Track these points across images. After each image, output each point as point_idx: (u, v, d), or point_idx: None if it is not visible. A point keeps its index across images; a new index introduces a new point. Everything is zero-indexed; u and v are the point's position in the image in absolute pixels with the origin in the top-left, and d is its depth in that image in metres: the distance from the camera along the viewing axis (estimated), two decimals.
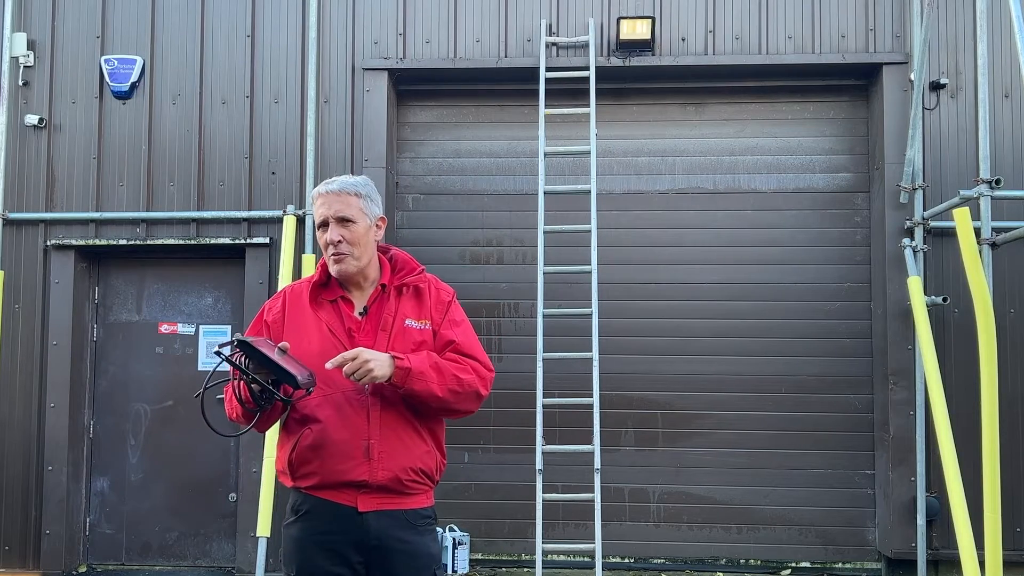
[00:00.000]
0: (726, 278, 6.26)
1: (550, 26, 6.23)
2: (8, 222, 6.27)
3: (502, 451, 6.08)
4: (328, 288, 2.69)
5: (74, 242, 6.23)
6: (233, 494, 6.21)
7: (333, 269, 2.64)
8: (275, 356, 2.37)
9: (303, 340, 2.59)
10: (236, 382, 2.49)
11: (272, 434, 5.62)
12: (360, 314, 2.65)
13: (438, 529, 2.81)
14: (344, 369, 2.42)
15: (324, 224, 2.64)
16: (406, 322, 2.63)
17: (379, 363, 2.44)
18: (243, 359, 2.39)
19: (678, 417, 6.20)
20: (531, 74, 6.12)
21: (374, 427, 2.53)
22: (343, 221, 2.61)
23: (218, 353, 2.40)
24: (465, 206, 6.41)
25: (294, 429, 2.58)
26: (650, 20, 6.07)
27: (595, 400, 5.52)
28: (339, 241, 2.60)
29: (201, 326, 6.38)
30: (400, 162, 6.47)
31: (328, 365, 2.43)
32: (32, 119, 6.25)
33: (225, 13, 6.35)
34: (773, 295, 6.24)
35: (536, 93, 6.04)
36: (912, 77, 5.84)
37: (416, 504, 2.60)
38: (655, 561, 6.14)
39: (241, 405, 2.54)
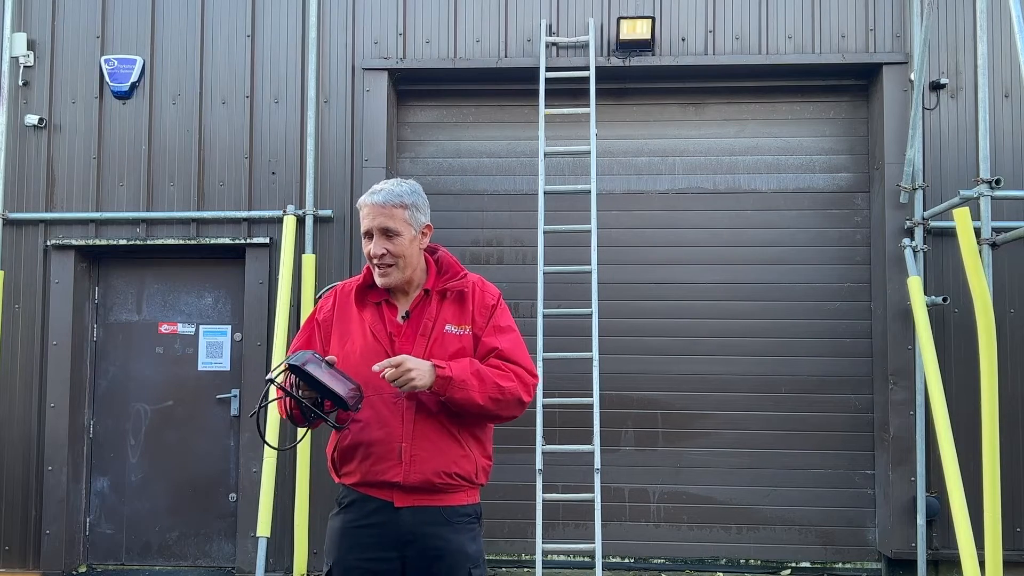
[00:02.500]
0: (726, 278, 6.26)
1: (550, 26, 6.23)
2: (8, 222, 6.27)
3: (502, 451, 6.03)
4: (373, 290, 2.70)
5: (74, 242, 6.23)
6: (233, 494, 6.21)
7: (378, 281, 2.65)
8: (323, 375, 2.40)
9: (347, 341, 2.63)
10: (286, 401, 2.52)
11: (272, 434, 5.64)
12: (402, 318, 2.66)
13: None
14: (385, 374, 2.43)
15: (368, 235, 2.63)
16: (446, 328, 2.63)
17: (421, 372, 2.45)
18: (293, 380, 2.45)
19: (678, 417, 6.20)
20: (531, 74, 6.12)
21: (407, 430, 2.54)
22: (387, 234, 2.60)
23: (269, 381, 2.46)
24: (465, 206, 6.40)
25: None
26: (650, 20, 6.07)
27: (595, 400, 5.52)
28: (383, 254, 2.60)
29: (201, 326, 6.38)
30: (400, 162, 6.47)
31: (375, 368, 2.45)
32: (32, 119, 6.25)
33: (225, 13, 6.35)
34: (773, 295, 6.24)
35: (536, 93, 6.04)
36: (912, 77, 5.84)
37: (455, 501, 2.60)
38: (655, 561, 6.14)
39: (292, 422, 2.58)
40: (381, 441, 2.54)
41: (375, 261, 2.62)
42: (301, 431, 2.64)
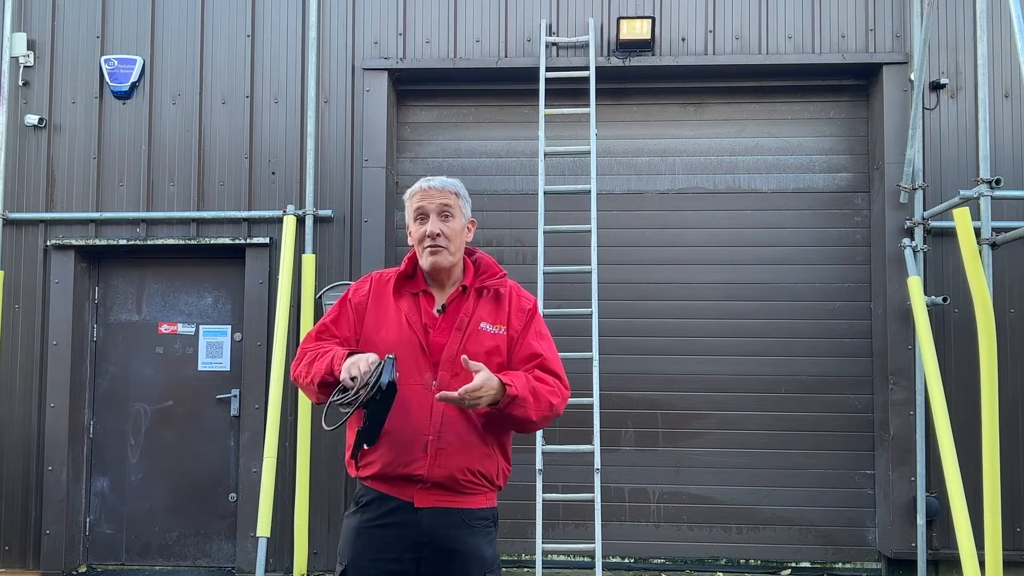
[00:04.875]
0: (726, 278, 6.26)
1: (550, 26, 6.23)
2: (8, 222, 6.27)
3: None
4: (412, 281, 2.71)
5: (74, 242, 6.23)
6: (233, 494, 6.21)
7: (426, 262, 2.64)
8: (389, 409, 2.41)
9: (381, 328, 2.63)
10: (352, 397, 2.44)
11: (272, 434, 5.64)
12: (438, 311, 2.66)
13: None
14: (458, 394, 2.39)
15: (421, 217, 2.65)
16: (481, 325, 2.63)
17: (490, 389, 2.44)
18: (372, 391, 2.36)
19: (678, 417, 6.20)
20: (531, 74, 6.12)
21: (435, 423, 2.53)
22: (444, 214, 2.64)
23: (366, 399, 2.38)
24: None
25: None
26: (650, 20, 6.07)
27: (595, 400, 5.52)
28: (438, 234, 2.61)
29: (201, 326, 6.38)
30: (400, 162, 6.46)
31: (441, 396, 2.43)
32: (32, 119, 6.25)
33: (225, 13, 6.35)
34: (773, 295, 6.24)
35: (536, 93, 6.04)
36: (912, 77, 5.84)
37: (473, 504, 2.59)
38: (655, 561, 6.14)
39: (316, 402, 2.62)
40: (407, 432, 2.52)
41: (427, 242, 2.62)
42: (329, 413, 2.56)
